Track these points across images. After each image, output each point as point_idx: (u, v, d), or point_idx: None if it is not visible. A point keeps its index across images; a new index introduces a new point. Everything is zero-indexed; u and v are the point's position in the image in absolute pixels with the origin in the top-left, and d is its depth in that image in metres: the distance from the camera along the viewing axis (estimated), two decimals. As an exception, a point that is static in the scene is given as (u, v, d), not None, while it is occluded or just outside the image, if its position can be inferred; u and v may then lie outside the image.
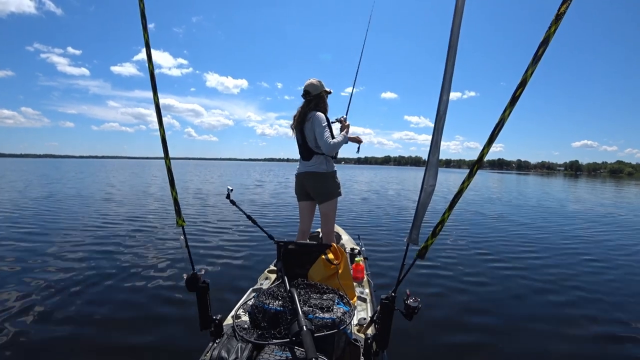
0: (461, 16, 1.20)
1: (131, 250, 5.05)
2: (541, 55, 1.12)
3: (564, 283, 4.01)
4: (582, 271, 4.51)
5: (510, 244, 5.98)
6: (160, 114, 1.44)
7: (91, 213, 8.21)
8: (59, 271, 4.02)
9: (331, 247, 2.04)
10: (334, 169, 2.83)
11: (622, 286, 3.99)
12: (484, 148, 1.25)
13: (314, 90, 2.75)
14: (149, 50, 1.38)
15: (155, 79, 1.40)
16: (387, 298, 1.45)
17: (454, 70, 1.24)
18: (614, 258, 5.26)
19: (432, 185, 1.35)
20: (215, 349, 1.34)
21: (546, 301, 3.51)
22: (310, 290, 1.63)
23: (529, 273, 4.33)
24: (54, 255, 4.63)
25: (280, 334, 1.35)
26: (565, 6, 1.06)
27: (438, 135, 1.30)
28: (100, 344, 2.55)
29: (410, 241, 1.41)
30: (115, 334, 2.68)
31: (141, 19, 1.33)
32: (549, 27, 1.09)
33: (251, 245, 5.34)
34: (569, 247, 5.88)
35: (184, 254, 4.55)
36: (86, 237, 5.74)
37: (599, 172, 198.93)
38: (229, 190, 2.17)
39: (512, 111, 1.19)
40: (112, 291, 3.48)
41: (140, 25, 1.32)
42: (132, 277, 3.86)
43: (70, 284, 3.60)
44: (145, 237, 5.88)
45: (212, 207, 9.83)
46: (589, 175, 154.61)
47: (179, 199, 1.54)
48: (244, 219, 2.87)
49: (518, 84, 1.16)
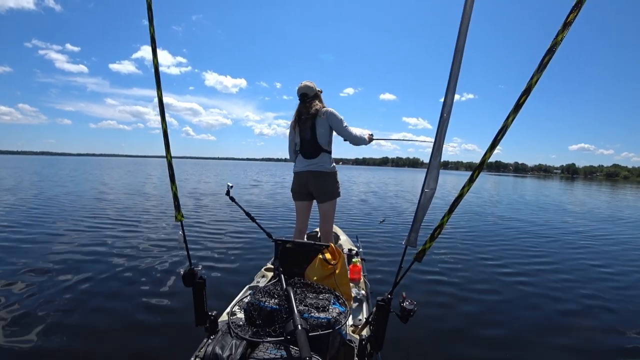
0: (469, 20, 1.18)
1: (127, 245, 5.05)
2: (547, 63, 1.09)
3: (562, 287, 4.00)
4: (587, 277, 4.47)
5: (510, 248, 5.94)
6: (163, 108, 1.43)
7: (80, 212, 8.02)
8: (54, 267, 4.01)
9: (329, 247, 2.03)
10: (336, 169, 2.85)
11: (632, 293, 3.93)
12: (485, 153, 1.23)
13: (310, 92, 2.80)
14: (154, 44, 1.36)
15: (160, 74, 1.38)
16: (383, 300, 1.44)
17: (459, 74, 1.22)
18: (620, 262, 5.23)
19: (432, 188, 1.33)
20: (210, 345, 1.33)
21: (544, 306, 3.48)
22: (306, 289, 1.62)
23: (527, 278, 4.30)
24: (44, 252, 4.62)
25: (275, 332, 1.35)
26: (573, 15, 1.04)
27: (441, 138, 1.29)
28: (94, 337, 2.55)
29: (408, 244, 1.39)
30: (109, 327, 2.67)
31: (147, 12, 1.31)
32: (556, 35, 1.06)
33: (248, 243, 5.33)
34: (570, 251, 5.86)
35: (181, 250, 4.53)
36: (76, 235, 5.72)
37: (595, 175, 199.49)
38: (229, 186, 2.15)
39: (515, 118, 1.17)
40: (106, 285, 3.47)
41: (147, 18, 1.30)
42: (127, 272, 3.86)
43: (63, 280, 3.59)
44: (141, 233, 5.88)
45: (209, 205, 9.79)
46: (585, 178, 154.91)
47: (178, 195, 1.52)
48: (242, 217, 2.85)
49: (522, 91, 1.14)
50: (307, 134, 2.77)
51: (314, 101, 2.76)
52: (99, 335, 2.57)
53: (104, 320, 2.77)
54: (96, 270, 3.86)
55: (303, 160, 2.83)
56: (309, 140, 2.77)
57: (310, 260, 2.00)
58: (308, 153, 2.80)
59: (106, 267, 3.95)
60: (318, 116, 2.70)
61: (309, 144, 2.77)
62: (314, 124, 2.73)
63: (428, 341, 2.71)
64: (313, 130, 2.73)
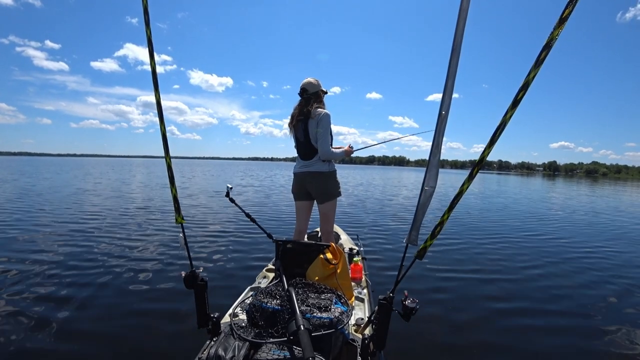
0: (465, 18, 1.14)
1: (127, 248, 4.95)
2: (544, 59, 1.07)
3: (565, 284, 3.92)
4: (589, 272, 4.41)
5: (513, 244, 5.86)
6: (162, 111, 1.38)
7: (77, 214, 7.91)
8: (52, 270, 3.91)
9: (330, 246, 1.98)
10: (334, 169, 2.73)
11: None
12: (484, 150, 1.21)
13: (311, 89, 2.65)
14: (151, 47, 1.32)
15: (157, 77, 1.34)
16: (384, 298, 1.40)
17: (457, 72, 1.18)
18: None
19: (432, 186, 1.30)
20: (213, 347, 1.29)
21: (550, 303, 3.40)
22: (308, 289, 1.57)
23: (532, 274, 4.23)
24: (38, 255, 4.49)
25: (278, 332, 1.31)
26: (569, 10, 1.01)
27: (439, 136, 1.25)
28: (96, 340, 2.46)
29: (409, 242, 1.35)
30: (111, 330, 2.59)
31: (144, 15, 1.28)
32: (553, 30, 1.04)
33: (249, 244, 5.21)
34: (575, 246, 5.82)
35: (182, 252, 4.44)
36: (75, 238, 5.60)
37: (576, 172, 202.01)
38: (229, 188, 2.11)
39: (513, 114, 1.14)
40: (106, 289, 3.37)
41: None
42: (129, 274, 3.76)
43: (63, 281, 3.50)
44: (141, 235, 5.76)
45: (208, 206, 9.65)
46: (566, 175, 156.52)
47: (178, 197, 1.47)
48: (242, 218, 2.77)
49: (520, 87, 1.12)
50: (301, 135, 2.66)
51: (311, 100, 2.63)
52: (101, 339, 2.48)
53: (106, 324, 2.68)
54: (96, 273, 3.75)
55: (300, 161, 2.74)
56: (303, 142, 2.66)
57: (312, 261, 1.95)
58: (303, 154, 2.70)
59: (106, 271, 3.85)
60: (311, 117, 2.57)
61: (304, 145, 2.67)
62: (306, 126, 2.61)
63: (431, 339, 2.64)
64: (306, 131, 2.61)
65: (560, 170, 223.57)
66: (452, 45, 1.16)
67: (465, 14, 1.14)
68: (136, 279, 3.62)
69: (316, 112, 2.57)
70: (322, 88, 2.72)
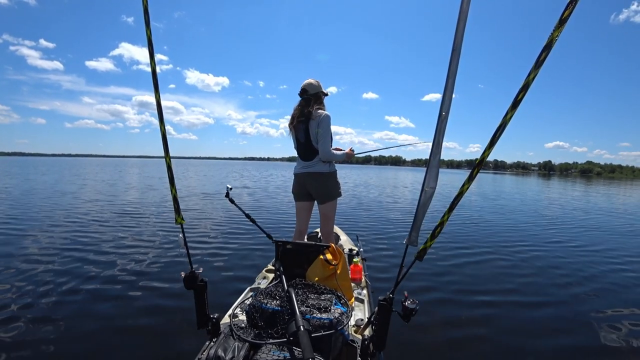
0: (465, 20, 1.13)
1: (126, 248, 4.92)
2: (544, 60, 1.06)
3: (568, 284, 3.91)
4: (586, 270, 4.41)
5: (512, 243, 5.85)
6: (162, 111, 1.37)
7: (75, 214, 7.88)
8: (51, 271, 3.88)
9: (330, 247, 1.96)
10: (335, 169, 2.72)
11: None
12: (484, 151, 1.19)
13: (311, 89, 2.63)
14: (151, 47, 1.30)
15: (157, 78, 1.32)
16: (384, 299, 1.38)
17: (457, 72, 1.17)
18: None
19: (432, 187, 1.28)
20: (212, 348, 1.27)
21: (551, 303, 3.38)
22: (308, 290, 1.56)
23: (532, 274, 4.22)
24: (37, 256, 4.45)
25: (278, 333, 1.30)
26: (569, 10, 1.00)
27: (440, 136, 1.23)
28: (94, 341, 2.44)
29: (409, 242, 1.34)
30: (110, 331, 2.57)
31: (144, 15, 1.25)
32: (552, 31, 1.03)
33: (249, 244, 5.17)
34: (576, 247, 5.80)
35: (181, 252, 4.42)
36: (74, 238, 5.56)
37: (571, 171, 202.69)
38: (229, 189, 2.09)
39: (513, 115, 1.13)
40: (106, 289, 3.34)
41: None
42: (127, 276, 3.73)
43: (62, 283, 3.47)
44: (140, 236, 5.72)
45: (208, 206, 9.60)
46: (561, 174, 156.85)
47: (178, 197, 1.45)
48: (241, 218, 2.75)
49: (520, 87, 1.10)
50: (301, 136, 2.65)
51: (311, 101, 2.62)
52: (100, 340, 2.46)
53: (105, 325, 2.66)
54: (95, 274, 3.72)
55: (301, 161, 2.73)
56: (304, 143, 2.65)
57: (311, 261, 1.93)
58: (304, 155, 2.69)
59: (105, 271, 3.82)
60: (311, 118, 2.56)
61: (304, 146, 2.65)
62: (307, 127, 2.60)
63: (431, 340, 2.62)
64: (307, 132, 2.60)
65: (555, 169, 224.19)
66: (452, 46, 1.15)
67: (465, 16, 1.12)
68: (136, 280, 3.59)
69: (317, 113, 2.56)
70: (323, 90, 2.70)
